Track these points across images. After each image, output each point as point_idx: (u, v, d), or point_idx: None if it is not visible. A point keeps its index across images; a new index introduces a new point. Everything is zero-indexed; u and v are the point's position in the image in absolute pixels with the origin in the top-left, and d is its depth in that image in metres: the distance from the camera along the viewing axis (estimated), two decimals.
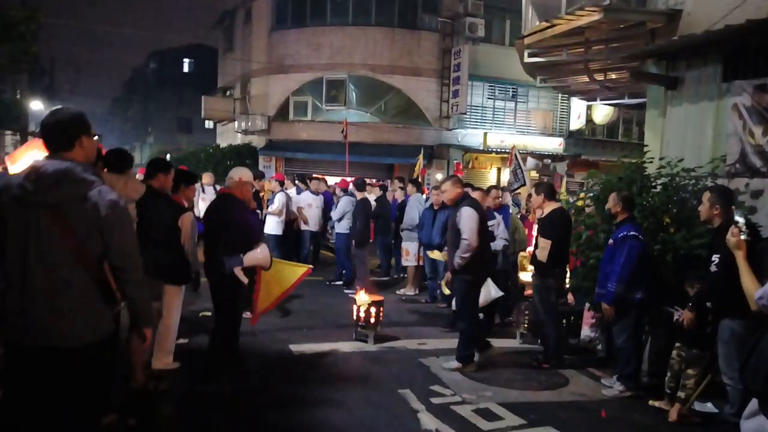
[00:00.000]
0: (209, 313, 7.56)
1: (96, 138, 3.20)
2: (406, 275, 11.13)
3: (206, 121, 35.99)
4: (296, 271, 6.44)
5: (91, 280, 2.90)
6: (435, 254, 9.02)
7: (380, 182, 13.47)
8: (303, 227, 11.73)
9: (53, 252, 2.81)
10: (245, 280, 5.47)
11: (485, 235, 6.45)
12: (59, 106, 3.13)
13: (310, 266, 6.89)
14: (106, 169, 4.54)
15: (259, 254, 5.50)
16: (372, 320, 7.18)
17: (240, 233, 5.49)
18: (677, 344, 5.39)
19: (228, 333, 5.65)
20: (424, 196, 11.35)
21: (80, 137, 2.97)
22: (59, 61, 38.48)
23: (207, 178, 12.67)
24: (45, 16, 6.77)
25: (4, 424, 2.97)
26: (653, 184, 6.86)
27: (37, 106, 26.82)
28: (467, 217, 6.20)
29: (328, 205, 12.63)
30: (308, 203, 11.85)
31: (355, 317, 7.27)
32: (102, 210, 2.86)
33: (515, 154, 13.06)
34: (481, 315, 7.14)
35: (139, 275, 3.05)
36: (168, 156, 29.36)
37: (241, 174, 5.73)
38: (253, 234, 5.68)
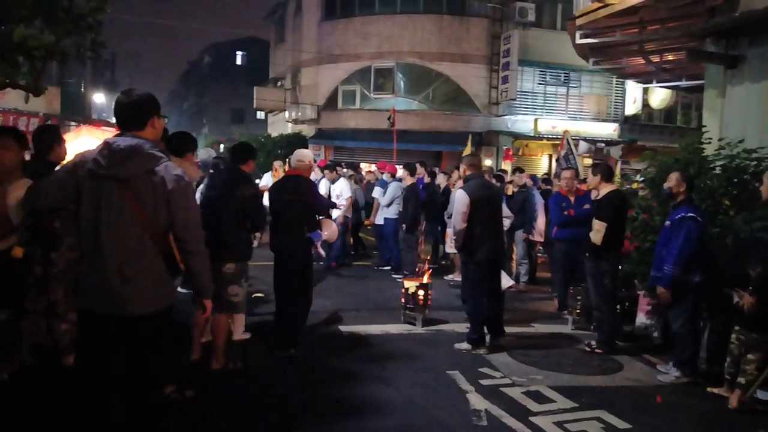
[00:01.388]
0: (261, 294, 7.69)
1: (164, 119, 3.32)
2: (447, 262, 11.10)
3: (258, 112, 36.58)
4: None
5: (157, 251, 3.04)
6: None
7: (429, 169, 13.39)
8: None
9: (123, 223, 2.95)
10: (322, 252, 5.75)
11: (485, 217, 6.32)
12: (131, 88, 3.26)
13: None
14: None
15: (329, 230, 6.09)
16: (420, 302, 7.18)
17: (315, 211, 5.93)
18: (736, 327, 5.20)
19: (306, 306, 6.01)
20: None
21: (152, 117, 3.12)
22: (119, 54, 39.52)
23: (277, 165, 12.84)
24: (112, 10, 7.02)
25: (77, 388, 3.13)
26: (711, 165, 6.63)
27: (99, 98, 27.75)
28: (456, 200, 6.37)
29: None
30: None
31: (403, 300, 7.29)
32: (168, 184, 2.99)
33: (567, 139, 12.80)
34: None
35: (202, 248, 3.18)
36: (221, 146, 29.93)
37: (309, 157, 6.16)
38: (326, 211, 6.23)
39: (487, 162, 20.94)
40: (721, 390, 5.32)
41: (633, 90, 22.28)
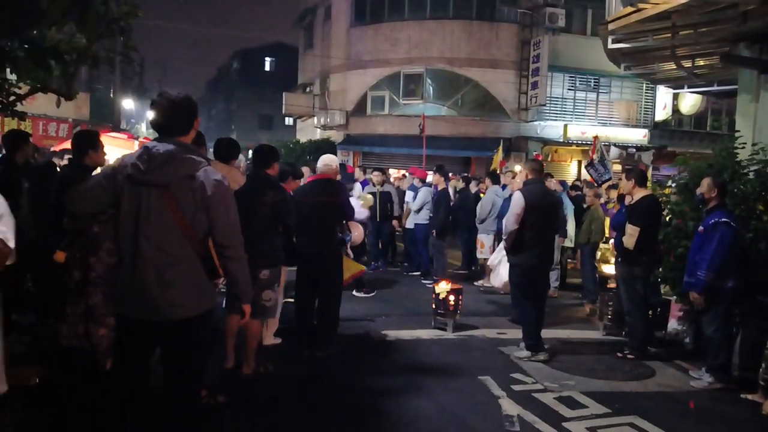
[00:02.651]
0: (291, 300, 7.80)
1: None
2: (477, 267, 11.18)
3: (286, 118, 36.85)
4: (352, 267, 6.86)
5: (196, 255, 3.04)
6: None
7: (461, 175, 13.47)
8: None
9: (162, 228, 2.96)
10: (351, 254, 5.84)
11: (538, 223, 6.28)
12: (165, 90, 3.19)
13: (364, 268, 7.19)
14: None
15: (358, 231, 6.38)
16: (451, 308, 7.22)
17: (345, 213, 6.11)
18: None
19: (335, 309, 6.15)
20: (503, 188, 11.25)
21: (195, 120, 3.13)
22: (147, 60, 40.02)
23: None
24: (141, 15, 7.12)
25: (113, 392, 3.16)
26: (745, 171, 6.59)
27: (128, 104, 28.22)
28: (512, 202, 6.39)
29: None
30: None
31: (434, 305, 7.33)
32: (208, 189, 2.98)
33: (599, 146, 12.72)
34: None
35: (241, 253, 3.17)
36: (250, 152, 30.21)
37: (336, 162, 6.34)
38: (353, 213, 6.32)
39: (517, 167, 20.85)
40: (755, 396, 5.29)
41: (663, 95, 22.05)
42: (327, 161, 6.23)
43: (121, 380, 3.14)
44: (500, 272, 7.90)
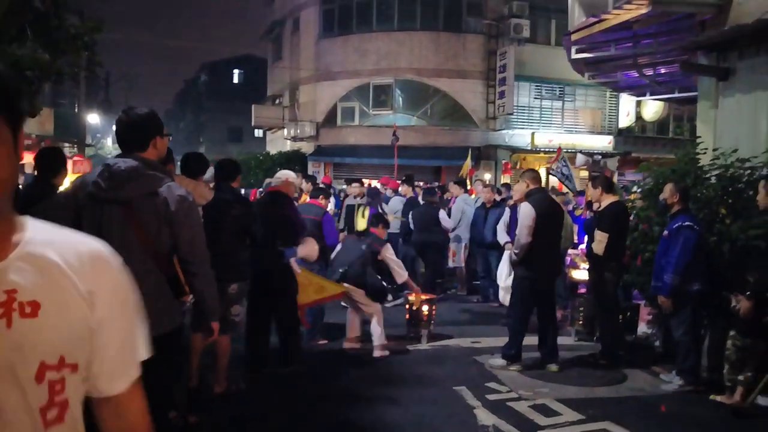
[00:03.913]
0: None
1: (169, 138, 3.29)
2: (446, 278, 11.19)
3: (256, 130, 36.64)
4: (329, 287, 6.50)
5: (161, 273, 3.01)
6: None
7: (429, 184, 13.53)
8: None
9: (125, 246, 2.85)
10: (299, 270, 5.67)
11: (548, 233, 6.27)
12: (132, 106, 3.19)
13: (344, 289, 6.77)
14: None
15: (308, 247, 5.94)
16: (424, 318, 7.23)
17: (293, 227, 5.81)
18: (732, 333, 5.30)
19: (296, 323, 5.99)
20: (472, 196, 11.35)
21: (155, 137, 3.08)
22: (113, 74, 39.48)
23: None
24: (106, 29, 7.05)
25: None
26: (707, 175, 6.76)
27: (93, 119, 27.81)
28: (522, 213, 6.25)
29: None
30: None
31: (408, 316, 7.35)
32: (171, 205, 2.96)
33: (562, 156, 12.98)
34: None
35: (207, 269, 3.14)
36: None
37: (288, 174, 6.18)
38: (303, 228, 6.02)
39: (486, 176, 21.07)
40: (723, 398, 5.41)
41: (626, 103, 22.48)
42: (279, 174, 6.22)
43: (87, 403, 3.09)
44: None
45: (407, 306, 7.39)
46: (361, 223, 9.89)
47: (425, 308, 7.24)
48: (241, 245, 5.20)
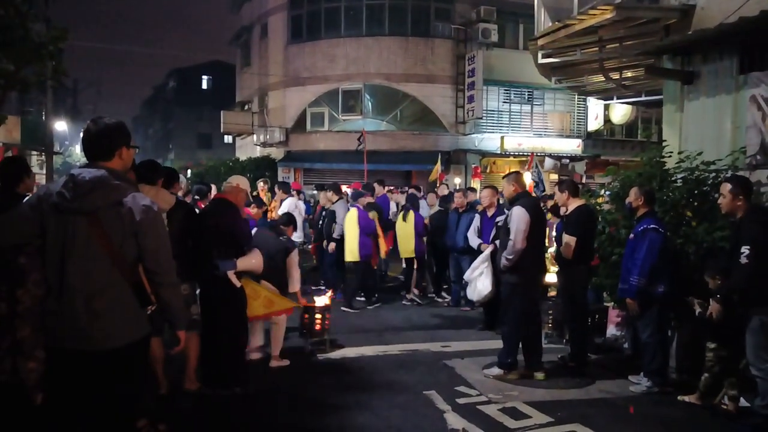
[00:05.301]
0: None
1: (136, 150, 3.25)
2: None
3: (225, 136, 36.38)
4: (278, 302, 6.28)
5: (126, 283, 2.97)
6: None
7: (399, 189, 13.49)
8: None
9: (90, 257, 2.89)
10: (238, 283, 5.48)
11: (537, 237, 6.21)
12: (100, 116, 3.15)
13: (296, 304, 6.59)
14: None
15: (252, 260, 5.62)
16: (318, 327, 6.89)
17: (232, 238, 5.50)
18: (712, 345, 5.32)
19: (236, 341, 5.59)
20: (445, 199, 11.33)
21: (120, 148, 3.06)
22: (81, 81, 38.90)
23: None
24: (72, 37, 6.92)
25: (47, 426, 3.04)
26: (673, 178, 6.83)
27: (61, 126, 27.36)
28: (516, 218, 6.05)
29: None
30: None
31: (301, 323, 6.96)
32: (136, 215, 2.93)
33: (535, 162, 13.12)
34: None
35: (173, 278, 3.12)
36: (189, 171, 29.73)
37: (238, 181, 5.82)
38: (245, 239, 5.69)
39: (456, 180, 21.15)
40: (692, 398, 5.45)
41: (594, 106, 22.76)
42: (229, 180, 5.86)
43: (55, 413, 3.03)
44: (477, 286, 7.63)
45: (305, 315, 6.91)
46: (404, 227, 9.97)
47: (318, 316, 6.87)
48: (182, 246, 4.96)
